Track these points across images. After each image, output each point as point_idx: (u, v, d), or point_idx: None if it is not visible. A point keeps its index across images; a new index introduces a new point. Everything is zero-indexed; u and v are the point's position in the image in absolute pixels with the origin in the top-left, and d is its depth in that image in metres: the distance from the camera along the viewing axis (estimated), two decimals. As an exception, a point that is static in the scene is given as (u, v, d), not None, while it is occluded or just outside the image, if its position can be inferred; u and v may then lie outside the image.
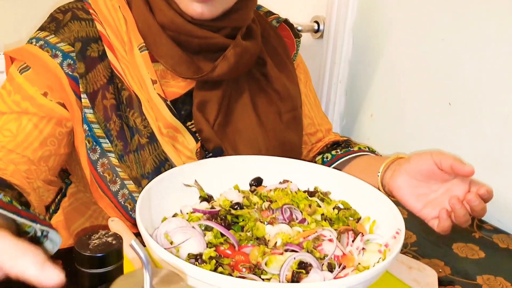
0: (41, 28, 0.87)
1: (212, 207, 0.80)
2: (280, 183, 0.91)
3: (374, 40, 1.33)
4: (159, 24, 0.87)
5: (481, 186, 0.79)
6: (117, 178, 0.86)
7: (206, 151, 0.91)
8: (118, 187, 0.86)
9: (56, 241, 0.75)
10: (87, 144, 0.85)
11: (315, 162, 1.06)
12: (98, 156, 0.85)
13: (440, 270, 0.85)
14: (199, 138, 0.91)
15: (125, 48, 0.87)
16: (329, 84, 1.43)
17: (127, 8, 0.90)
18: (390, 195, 0.90)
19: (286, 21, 1.09)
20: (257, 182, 0.91)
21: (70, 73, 0.84)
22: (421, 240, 0.94)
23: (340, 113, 1.46)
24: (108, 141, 0.85)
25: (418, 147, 1.23)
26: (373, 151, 1.05)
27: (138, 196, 0.85)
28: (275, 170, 0.92)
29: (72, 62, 0.84)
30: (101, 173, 0.86)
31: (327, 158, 1.05)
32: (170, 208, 0.81)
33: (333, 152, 1.05)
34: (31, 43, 0.85)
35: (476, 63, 1.09)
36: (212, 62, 0.89)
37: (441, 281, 0.81)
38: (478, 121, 1.10)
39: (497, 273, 0.85)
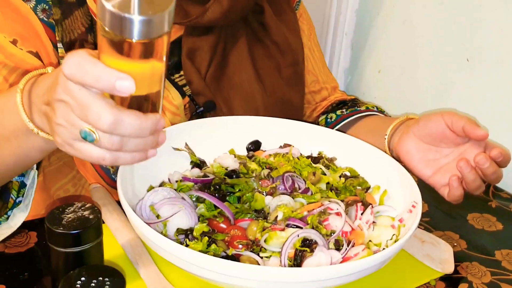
0: None
1: (205, 175, 0.74)
2: (281, 147, 0.85)
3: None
4: None
5: (495, 148, 0.73)
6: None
7: (197, 105, 0.86)
8: (116, 167, 0.80)
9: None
10: None
11: (318, 123, 1.00)
12: None
13: (455, 244, 0.79)
14: (188, 93, 0.85)
15: None
16: (334, 36, 1.37)
17: None
18: (397, 160, 0.85)
19: None
20: (255, 146, 0.85)
21: (46, 19, 0.77)
22: (433, 210, 0.88)
23: (345, 69, 1.40)
24: None
25: (430, 108, 1.18)
26: (381, 111, 0.99)
27: None
28: (275, 132, 0.86)
29: (47, 7, 0.78)
30: None
31: (331, 118, 0.99)
32: (157, 176, 0.75)
33: (338, 112, 0.99)
34: None
35: (499, 14, 1.01)
36: (202, 5, 0.83)
37: (457, 257, 0.75)
38: (497, 80, 1.04)
39: (517, 247, 0.79)
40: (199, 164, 0.79)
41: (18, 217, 0.71)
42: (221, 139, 0.83)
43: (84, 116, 0.50)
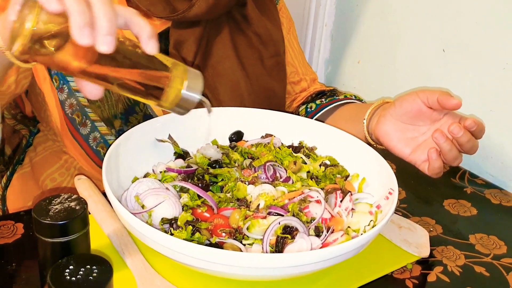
0: None
1: (188, 166, 0.75)
2: (263, 137, 0.86)
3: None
4: None
5: (468, 118, 0.75)
6: (87, 120, 0.82)
7: None
8: (89, 129, 0.82)
9: None
10: (54, 83, 0.80)
11: (298, 113, 1.01)
12: (66, 96, 0.80)
13: (431, 229, 0.81)
14: None
15: None
16: (314, 28, 1.37)
17: None
18: (377, 142, 0.87)
19: None
20: (237, 136, 0.86)
21: None
22: (411, 197, 0.90)
23: (325, 60, 1.40)
24: None
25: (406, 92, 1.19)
26: (359, 100, 1.01)
27: (111, 140, 0.81)
28: (257, 123, 0.86)
29: None
30: (70, 115, 0.81)
31: (311, 108, 1.01)
32: (141, 167, 0.75)
33: (318, 102, 1.01)
34: None
35: (474, 6, 1.03)
36: (189, 1, 0.84)
37: (432, 241, 0.77)
38: (473, 70, 1.05)
39: (490, 231, 0.82)
40: (182, 155, 0.79)
41: None
42: (204, 130, 0.82)
43: None
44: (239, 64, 0.91)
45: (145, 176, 0.74)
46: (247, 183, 0.72)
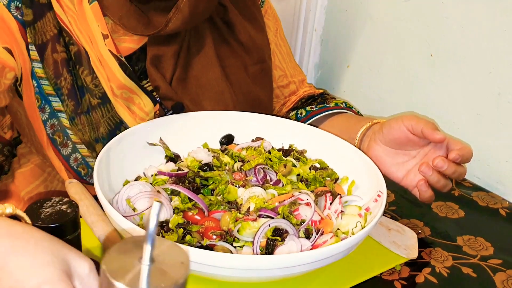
0: None
1: (179, 169, 0.75)
2: (253, 140, 0.86)
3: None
4: None
5: (453, 150, 0.76)
6: (68, 141, 0.80)
7: (165, 109, 0.85)
8: (70, 150, 0.80)
9: None
10: (36, 101, 0.77)
11: (289, 118, 1.01)
12: (47, 116, 0.78)
13: (420, 231, 0.82)
14: (158, 99, 0.84)
15: (73, 2, 0.78)
16: (304, 32, 1.38)
17: None
18: None
19: None
20: (228, 139, 0.86)
21: (19, 17, 0.75)
22: (399, 199, 0.91)
23: (315, 64, 1.41)
24: (58, 100, 0.78)
25: (397, 101, 1.20)
26: (350, 107, 1.01)
27: (92, 162, 0.80)
28: (247, 126, 0.87)
29: (20, 5, 0.75)
30: (51, 135, 0.79)
31: (301, 114, 1.01)
32: (133, 170, 0.76)
33: (308, 108, 1.01)
34: None
35: (460, 11, 1.04)
36: (163, 12, 0.80)
37: (421, 243, 0.79)
38: (460, 74, 1.06)
39: (477, 233, 0.83)
40: (173, 158, 0.80)
41: None
42: (195, 133, 0.83)
43: None
44: (223, 74, 0.89)
45: (136, 179, 0.74)
46: (237, 186, 0.73)
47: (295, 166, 0.80)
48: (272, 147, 0.85)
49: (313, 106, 1.00)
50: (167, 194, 0.70)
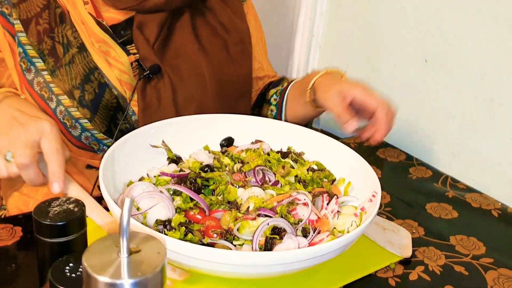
0: None
1: (181, 170, 0.77)
2: (252, 143, 0.88)
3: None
4: None
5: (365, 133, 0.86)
6: (52, 96, 0.88)
7: (144, 69, 0.92)
8: (55, 104, 0.88)
9: None
10: (22, 65, 0.88)
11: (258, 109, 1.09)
12: (33, 75, 0.88)
13: (414, 231, 0.84)
14: (139, 57, 0.92)
15: None
16: (303, 38, 1.41)
17: None
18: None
19: None
20: (228, 142, 0.88)
21: (6, 18, 0.88)
22: (395, 201, 0.93)
23: (314, 69, 1.43)
24: (41, 60, 0.88)
25: (389, 100, 1.22)
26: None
27: (74, 111, 0.88)
28: (247, 129, 0.89)
29: (4, 10, 0.88)
30: (39, 92, 0.89)
31: (272, 111, 1.07)
32: (136, 172, 0.78)
33: (273, 102, 1.07)
34: None
35: (454, 20, 1.07)
36: None
37: (415, 242, 0.81)
38: (453, 79, 1.09)
39: (470, 233, 0.86)
40: (175, 160, 0.82)
41: None
42: (196, 136, 0.85)
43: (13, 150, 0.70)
44: (200, 49, 0.96)
45: (140, 180, 0.76)
46: (237, 186, 0.75)
47: (293, 168, 0.82)
48: (271, 149, 0.87)
49: (276, 97, 1.06)
50: (169, 194, 0.72)
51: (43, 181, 0.72)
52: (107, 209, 0.67)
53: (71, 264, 0.53)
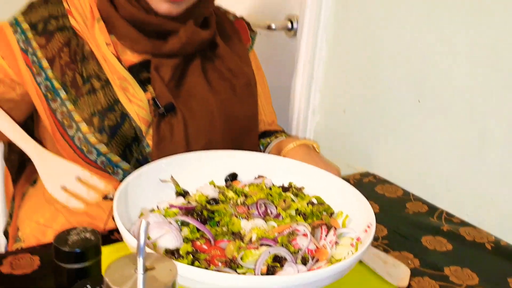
0: (21, 10, 1.02)
1: (188, 203, 0.81)
2: (255, 178, 0.93)
3: (347, 39, 1.36)
4: (120, 15, 0.98)
5: None
6: (72, 123, 0.96)
7: (159, 107, 0.99)
8: (74, 131, 0.96)
9: None
10: (48, 95, 0.97)
11: None
12: (58, 105, 0.97)
13: (410, 262, 0.88)
14: (155, 95, 0.99)
15: (86, 23, 1.00)
16: (303, 80, 1.46)
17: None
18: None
19: (242, 18, 1.20)
20: (233, 177, 0.93)
21: (23, 47, 0.98)
22: (392, 234, 0.97)
23: (314, 109, 1.48)
24: (64, 92, 0.97)
25: (388, 141, 1.27)
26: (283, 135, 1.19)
27: (91, 137, 0.95)
28: (250, 165, 0.94)
29: (24, 38, 0.98)
30: (60, 120, 0.97)
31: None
32: (147, 204, 0.82)
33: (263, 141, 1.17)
34: (8, 21, 1.01)
35: (444, 64, 1.12)
36: (166, 39, 1.01)
37: (410, 273, 0.84)
38: (445, 117, 1.13)
39: (464, 264, 0.89)
40: (183, 193, 0.86)
41: None
42: (203, 171, 0.90)
43: None
44: (210, 90, 1.04)
45: (150, 211, 0.81)
46: (241, 218, 0.79)
47: (294, 201, 0.86)
48: (273, 184, 0.91)
49: (261, 149, 1.16)
50: (177, 225, 0.76)
51: None
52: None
53: (88, 287, 0.58)
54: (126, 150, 0.98)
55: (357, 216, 0.84)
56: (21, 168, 1.21)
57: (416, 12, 1.16)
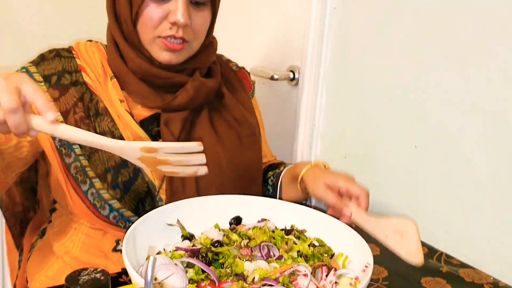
0: (31, 61, 1.05)
1: (194, 245, 0.85)
2: (259, 221, 0.96)
3: (346, 88, 1.41)
4: (129, 69, 1.03)
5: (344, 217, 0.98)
6: (86, 179, 0.98)
7: None
8: (88, 186, 0.97)
9: None
10: (63, 150, 0.99)
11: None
12: (72, 160, 0.99)
13: (410, 303, 0.90)
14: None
15: (99, 80, 1.03)
16: (305, 128, 1.50)
17: (104, 54, 1.07)
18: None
19: (244, 68, 1.26)
20: (237, 221, 0.96)
21: None
22: (392, 275, 0.99)
23: (316, 155, 1.51)
24: (78, 147, 0.99)
25: (387, 184, 1.30)
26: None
27: (104, 193, 0.96)
28: (253, 209, 0.97)
29: (45, 88, 1.00)
30: (74, 175, 0.98)
31: (269, 191, 1.19)
32: (154, 247, 0.85)
33: (270, 183, 1.20)
34: (17, 71, 1.04)
35: (439, 111, 1.17)
36: (172, 92, 1.05)
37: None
38: (440, 162, 1.17)
39: (463, 304, 0.91)
40: (189, 237, 0.89)
41: None
42: (208, 215, 0.93)
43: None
44: (218, 141, 1.08)
45: (157, 254, 0.84)
46: (244, 260, 0.81)
47: (296, 244, 0.89)
48: (276, 227, 0.94)
49: (273, 179, 1.18)
50: (183, 266, 0.78)
51: (27, 128, 0.73)
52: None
53: (99, 324, 0.61)
54: (139, 205, 0.99)
55: (356, 256, 0.86)
56: (26, 219, 1.23)
57: (412, 61, 1.22)
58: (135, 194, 0.99)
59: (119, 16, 1.02)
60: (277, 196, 1.16)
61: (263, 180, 1.21)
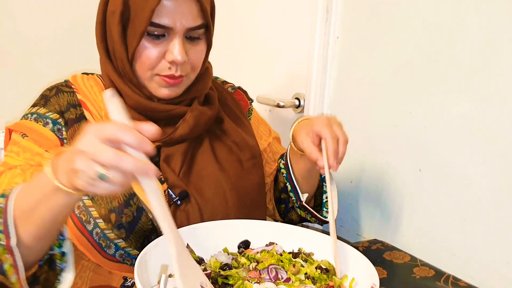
0: (33, 105, 1.05)
1: (204, 269, 0.86)
2: (267, 245, 0.97)
3: (349, 114, 1.44)
4: (127, 105, 1.02)
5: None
6: (90, 218, 0.97)
7: (173, 196, 1.02)
8: (92, 226, 0.97)
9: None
10: None
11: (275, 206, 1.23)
12: None
13: (417, 324, 0.91)
14: (168, 186, 1.02)
15: (101, 114, 1.03)
16: None
17: (102, 88, 1.07)
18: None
19: (239, 88, 1.27)
20: (245, 245, 0.98)
21: (60, 136, 1.01)
22: (398, 297, 1.00)
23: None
24: None
25: (393, 209, 1.32)
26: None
27: (109, 233, 0.97)
28: (262, 233, 0.99)
29: (60, 127, 1.01)
30: (78, 215, 0.97)
31: (283, 174, 1.19)
32: (167, 265, 0.86)
33: (282, 166, 1.20)
34: (26, 118, 1.03)
35: (441, 134, 1.19)
36: (174, 126, 1.05)
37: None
38: (444, 185, 1.19)
39: (470, 325, 0.91)
40: (198, 261, 0.90)
41: (66, 279, 0.83)
42: (217, 240, 0.95)
43: (97, 158, 0.64)
44: (220, 168, 1.08)
45: (169, 277, 0.83)
46: (253, 282, 0.83)
47: (304, 266, 0.90)
48: (283, 250, 0.95)
49: (282, 161, 1.19)
50: None
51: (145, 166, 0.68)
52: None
53: None
54: (145, 242, 0.98)
55: (363, 278, 0.88)
56: None
57: (414, 86, 1.25)
58: (141, 233, 0.98)
59: (112, 52, 1.02)
60: (292, 176, 1.15)
61: (278, 171, 1.21)
